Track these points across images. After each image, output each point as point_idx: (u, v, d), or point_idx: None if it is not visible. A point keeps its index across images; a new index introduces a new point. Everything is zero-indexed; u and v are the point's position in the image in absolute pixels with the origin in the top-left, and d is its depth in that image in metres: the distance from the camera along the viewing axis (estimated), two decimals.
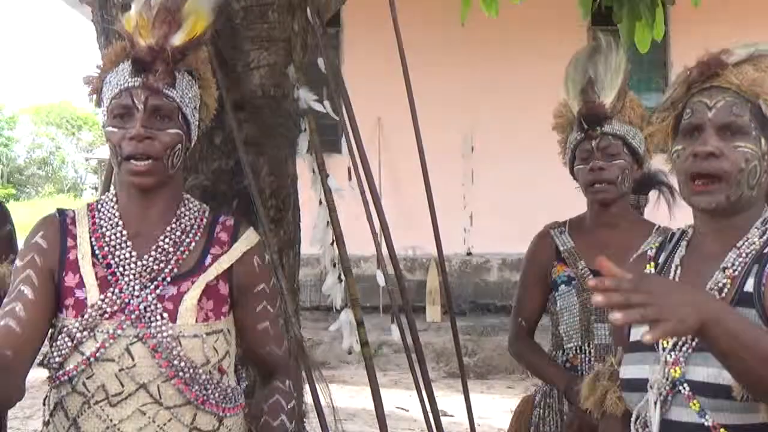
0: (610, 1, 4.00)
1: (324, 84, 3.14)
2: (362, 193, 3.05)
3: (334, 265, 2.94)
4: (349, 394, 6.20)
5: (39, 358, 1.71)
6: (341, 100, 3.10)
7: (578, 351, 2.48)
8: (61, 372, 1.68)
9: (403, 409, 6.02)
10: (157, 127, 1.67)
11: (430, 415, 3.08)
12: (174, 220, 1.76)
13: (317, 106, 2.92)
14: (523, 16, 7.68)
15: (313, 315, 8.12)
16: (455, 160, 8.68)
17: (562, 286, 2.53)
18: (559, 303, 2.54)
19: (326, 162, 3.00)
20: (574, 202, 2.79)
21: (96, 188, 30.84)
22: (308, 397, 2.83)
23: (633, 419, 1.53)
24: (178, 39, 1.70)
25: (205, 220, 1.82)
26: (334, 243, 2.93)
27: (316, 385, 2.76)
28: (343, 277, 2.92)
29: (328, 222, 2.96)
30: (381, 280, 3.09)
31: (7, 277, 2.35)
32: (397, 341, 6.95)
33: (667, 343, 1.46)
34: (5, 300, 1.69)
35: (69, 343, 1.66)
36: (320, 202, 2.96)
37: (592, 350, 2.45)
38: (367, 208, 3.05)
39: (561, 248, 2.57)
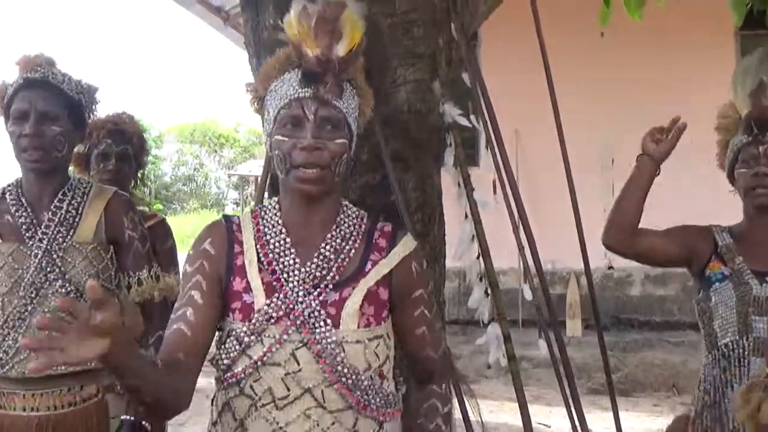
0: (763, 5, 3.83)
1: (465, 98, 3.15)
2: (508, 206, 3.04)
3: (481, 279, 2.93)
4: (489, 408, 6.15)
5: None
6: (486, 114, 3.09)
7: (735, 345, 2.38)
8: (229, 374, 1.73)
9: (544, 425, 5.94)
10: (326, 137, 1.69)
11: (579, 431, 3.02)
12: (334, 227, 1.79)
13: (462, 121, 2.92)
14: (667, 23, 7.44)
15: (452, 329, 8.09)
16: (595, 173, 8.47)
17: (717, 283, 2.45)
18: (714, 298, 2.44)
19: None
20: (721, 213, 2.69)
21: (237, 203, 31.90)
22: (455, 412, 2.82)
23: None
24: (341, 49, 1.71)
25: (363, 226, 1.84)
26: (480, 257, 2.93)
27: (465, 400, 2.76)
28: (489, 291, 2.91)
29: (473, 236, 2.96)
30: (528, 294, 3.06)
31: (175, 287, 2.47)
32: (536, 356, 6.90)
33: None
34: (176, 305, 1.76)
35: (237, 347, 1.71)
36: (465, 216, 2.96)
37: (750, 344, 2.35)
38: (513, 222, 3.03)
39: (719, 243, 2.49)
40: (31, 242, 2.30)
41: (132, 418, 2.33)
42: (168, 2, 8.24)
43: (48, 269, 2.28)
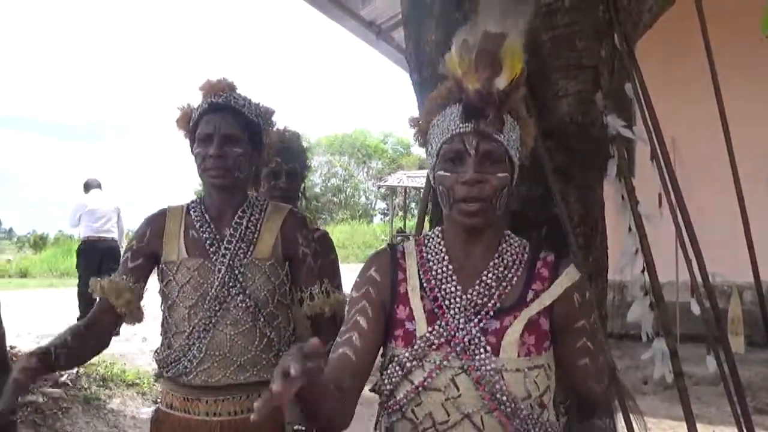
0: None
1: (626, 109, 3.09)
2: (675, 219, 2.97)
3: (645, 293, 2.87)
4: (647, 425, 5.99)
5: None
6: (650, 125, 3.03)
7: None
8: (392, 401, 1.76)
9: None
10: (487, 171, 1.71)
11: None
12: (496, 256, 1.80)
13: (626, 133, 2.88)
14: None
15: (607, 343, 7.90)
16: (758, 182, 8.07)
17: None
18: None
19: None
20: None
21: (385, 213, 32.33)
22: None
23: None
24: (502, 82, 1.70)
25: (525, 255, 1.84)
26: (645, 270, 2.87)
27: (630, 416, 2.71)
28: (655, 305, 2.85)
29: (636, 249, 2.90)
30: (696, 309, 2.97)
31: (344, 302, 2.55)
32: (696, 373, 6.64)
33: None
34: (342, 328, 1.82)
35: (399, 372, 1.74)
36: (629, 229, 2.91)
37: None
38: (679, 235, 2.95)
39: None
40: (214, 257, 2.40)
41: (303, 428, 2.42)
42: (322, 17, 8.46)
43: (230, 284, 2.38)
